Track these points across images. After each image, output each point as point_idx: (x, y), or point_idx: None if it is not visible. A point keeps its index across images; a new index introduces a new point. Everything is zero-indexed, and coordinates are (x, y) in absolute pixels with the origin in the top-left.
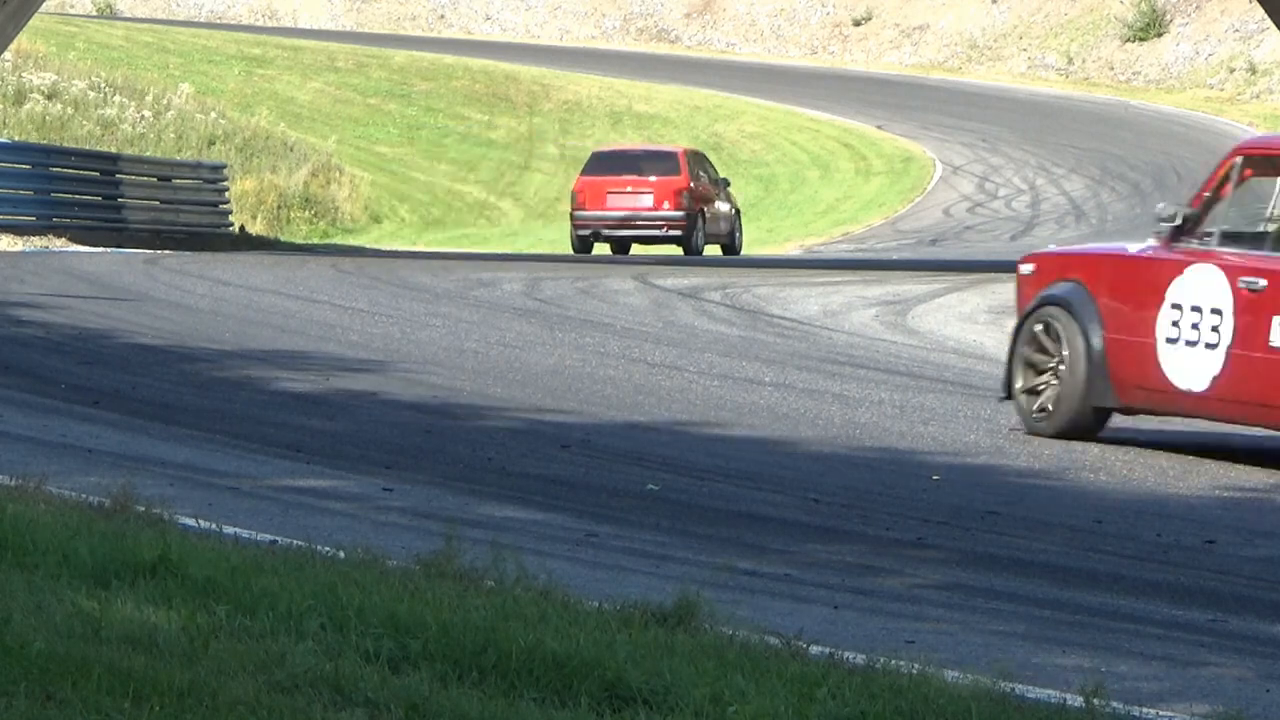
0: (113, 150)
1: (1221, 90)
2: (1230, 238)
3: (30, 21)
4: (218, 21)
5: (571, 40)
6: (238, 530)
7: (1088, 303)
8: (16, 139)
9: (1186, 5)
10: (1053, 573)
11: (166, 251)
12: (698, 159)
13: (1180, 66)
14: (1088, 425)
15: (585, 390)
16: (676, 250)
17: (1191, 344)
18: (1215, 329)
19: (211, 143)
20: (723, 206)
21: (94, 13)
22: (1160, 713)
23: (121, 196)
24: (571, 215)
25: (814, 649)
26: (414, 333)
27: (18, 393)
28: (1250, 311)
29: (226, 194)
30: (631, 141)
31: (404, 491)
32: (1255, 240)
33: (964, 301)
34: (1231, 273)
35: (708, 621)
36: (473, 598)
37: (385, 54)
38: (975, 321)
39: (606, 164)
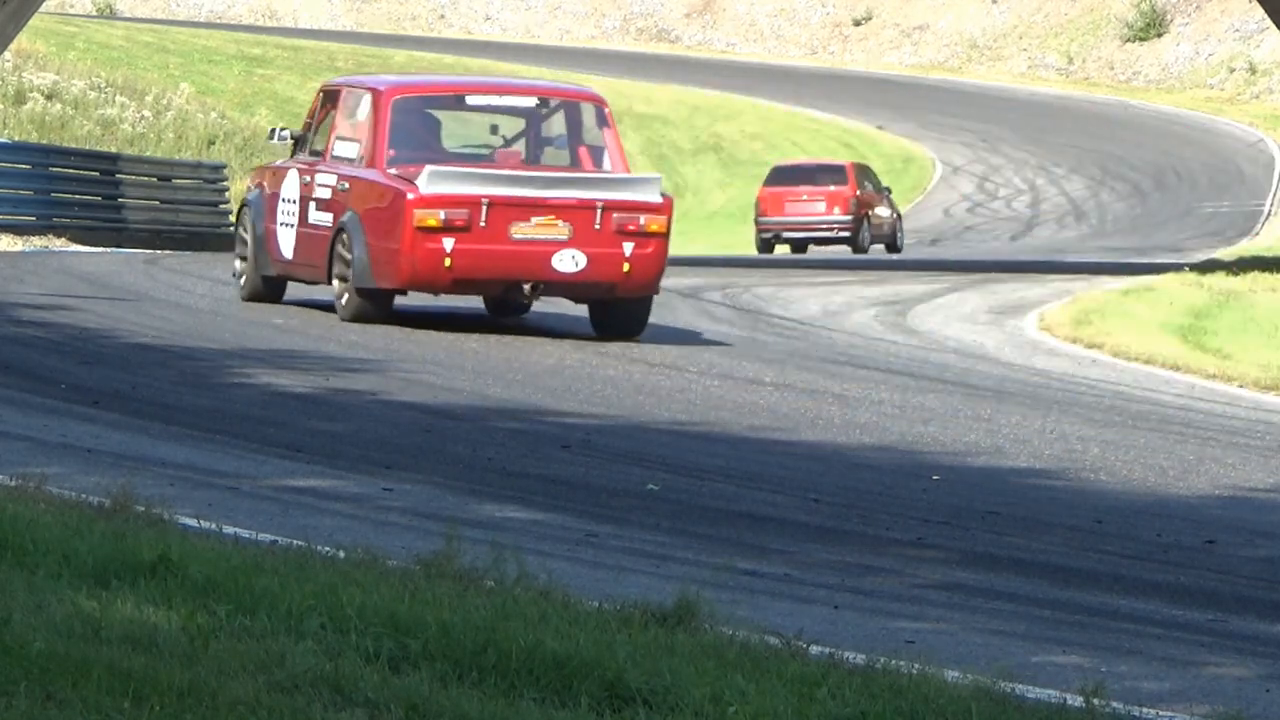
0: (113, 150)
1: (1221, 90)
2: (310, 151)
3: (30, 21)
4: (218, 21)
5: (571, 40)
6: (238, 530)
7: (260, 202)
8: (16, 139)
9: (1186, 5)
10: (1053, 573)
11: (166, 251)
12: (863, 171)
13: (1180, 66)
14: (266, 291)
15: (585, 390)
16: (846, 250)
17: (287, 225)
18: (292, 214)
19: (211, 143)
20: (884, 211)
21: (94, 13)
22: (1160, 713)
23: (121, 196)
24: (756, 221)
25: (814, 649)
26: (414, 333)
27: (18, 393)
28: (303, 201)
29: (226, 194)
30: (806, 157)
31: (404, 491)
32: (317, 151)
33: (964, 301)
34: (300, 174)
35: (708, 621)
36: (473, 598)
37: (385, 54)
38: (975, 321)
39: (785, 176)
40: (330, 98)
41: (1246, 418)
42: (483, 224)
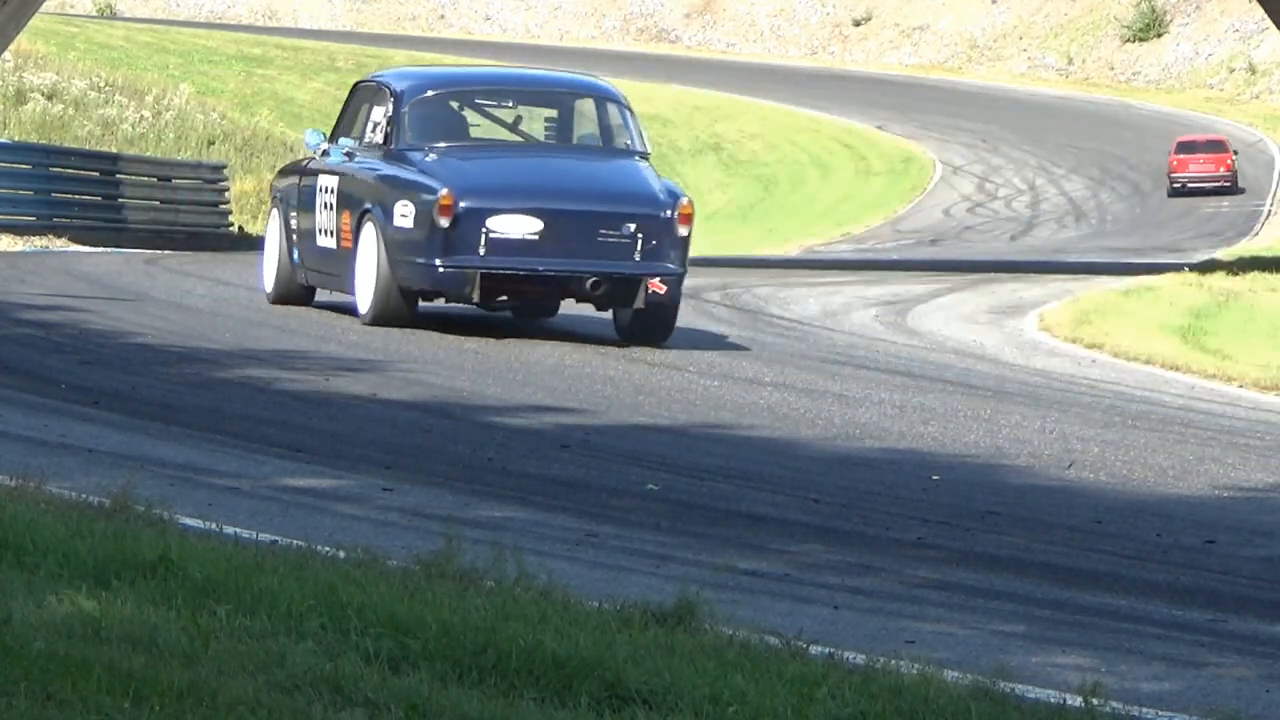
0: (113, 150)
1: (1221, 90)
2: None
3: (30, 21)
4: (218, 21)
5: (571, 40)
6: (238, 530)
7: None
8: (16, 139)
9: (1186, 5)
10: (1053, 573)
11: (166, 251)
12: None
13: (1180, 66)
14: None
15: (585, 390)
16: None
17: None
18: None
19: (211, 143)
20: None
21: (94, 13)
22: (1160, 713)
23: (121, 196)
24: (1169, 176)
25: (814, 649)
26: (414, 333)
27: (18, 393)
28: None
29: (226, 194)
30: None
31: (404, 491)
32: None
33: (964, 301)
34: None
35: (708, 621)
36: (473, 598)
37: (385, 54)
38: (975, 321)
39: (1185, 148)
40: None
41: (1246, 418)
42: None
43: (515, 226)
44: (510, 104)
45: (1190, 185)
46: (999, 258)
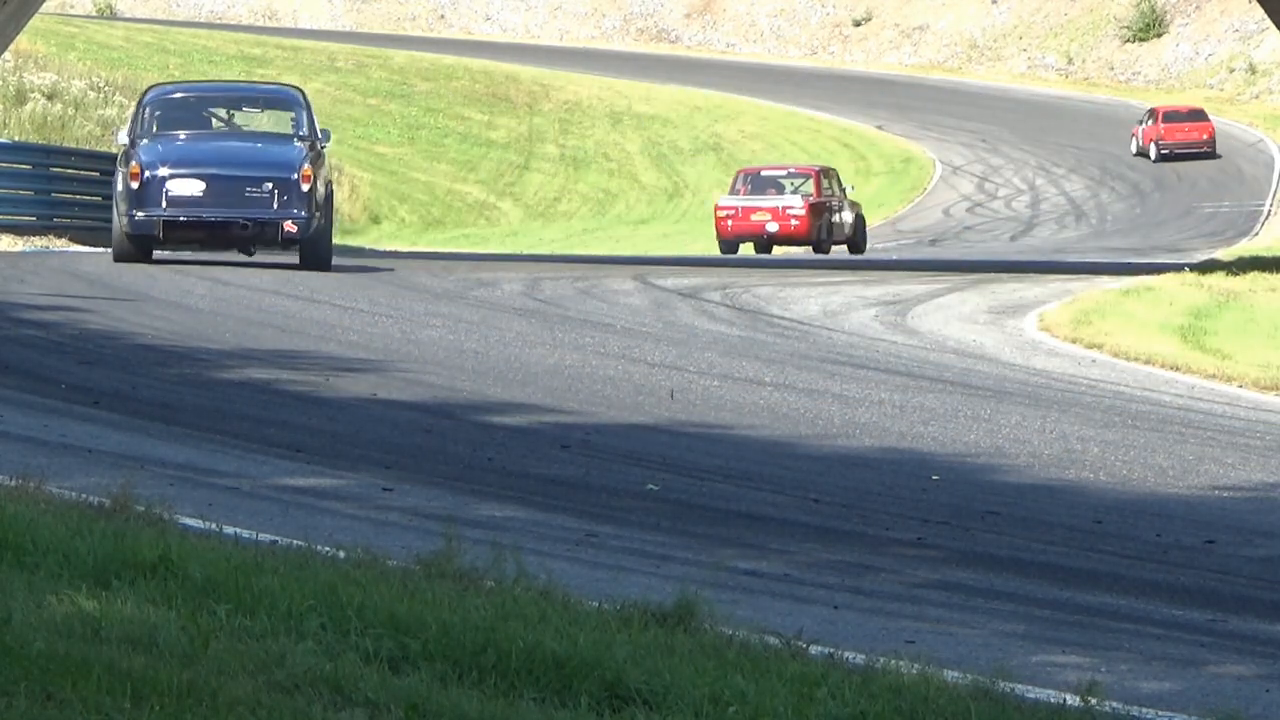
0: (113, 150)
1: (1221, 90)
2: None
3: (30, 21)
4: (218, 21)
5: (571, 40)
6: (238, 530)
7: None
8: (16, 139)
9: (1186, 5)
10: (1052, 573)
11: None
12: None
13: (1180, 66)
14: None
15: (585, 390)
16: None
17: None
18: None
19: None
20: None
21: (94, 13)
22: (1160, 713)
23: None
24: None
25: (814, 649)
26: (414, 333)
27: (18, 393)
28: None
29: None
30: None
31: (404, 491)
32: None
33: (964, 301)
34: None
35: (707, 621)
36: (473, 598)
37: (385, 54)
38: (975, 321)
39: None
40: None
41: (1246, 418)
42: None
43: (186, 187)
44: (231, 108)
45: (1177, 151)
46: (999, 258)
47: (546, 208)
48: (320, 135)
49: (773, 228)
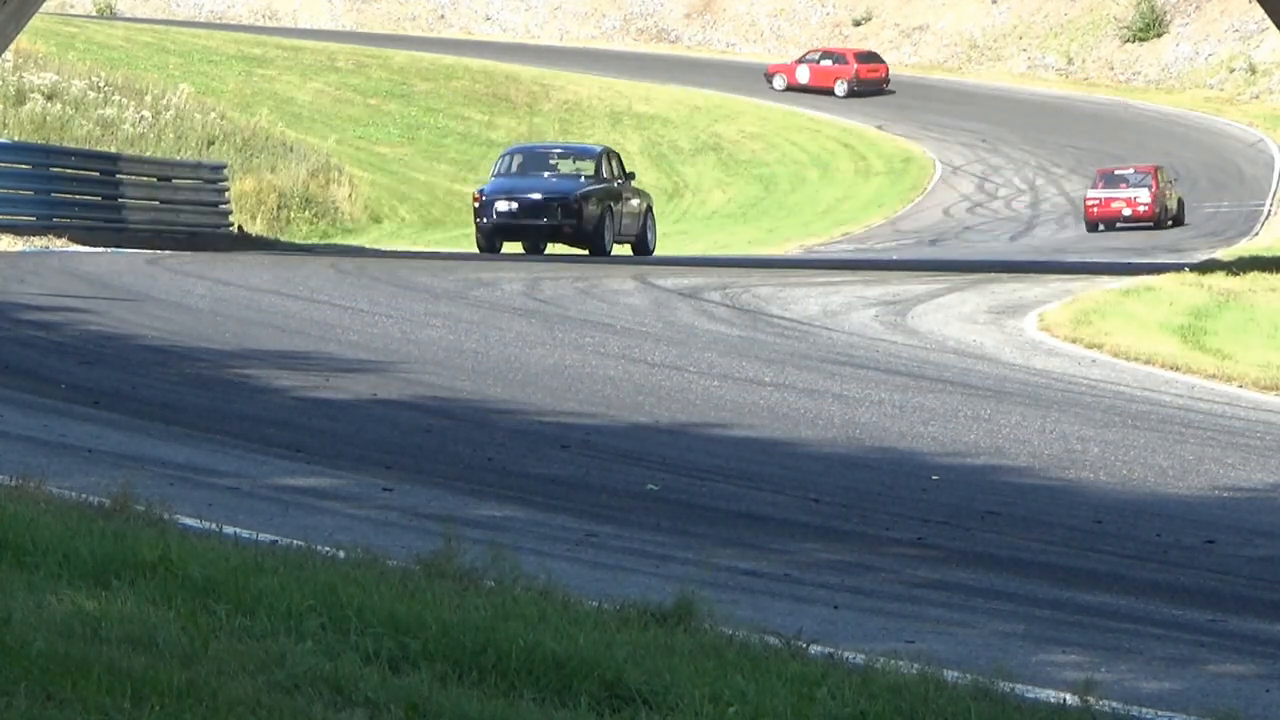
0: (113, 150)
1: (1221, 90)
2: None
3: (30, 21)
4: (218, 21)
5: (571, 40)
6: (238, 530)
7: None
8: (16, 139)
9: (1186, 5)
10: (1052, 573)
11: (166, 251)
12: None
13: (1180, 66)
14: None
15: (585, 390)
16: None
17: None
18: None
19: (211, 143)
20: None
21: (94, 13)
22: (1160, 713)
23: (121, 196)
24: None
25: (814, 649)
26: (414, 333)
27: (18, 393)
28: None
29: (226, 194)
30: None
31: (404, 491)
32: None
33: (964, 301)
34: None
35: (707, 621)
36: (473, 598)
37: (385, 54)
38: (975, 321)
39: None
40: None
41: (1246, 418)
42: None
43: (505, 206)
44: (555, 159)
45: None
46: (999, 258)
47: None
48: (623, 175)
49: (1127, 213)
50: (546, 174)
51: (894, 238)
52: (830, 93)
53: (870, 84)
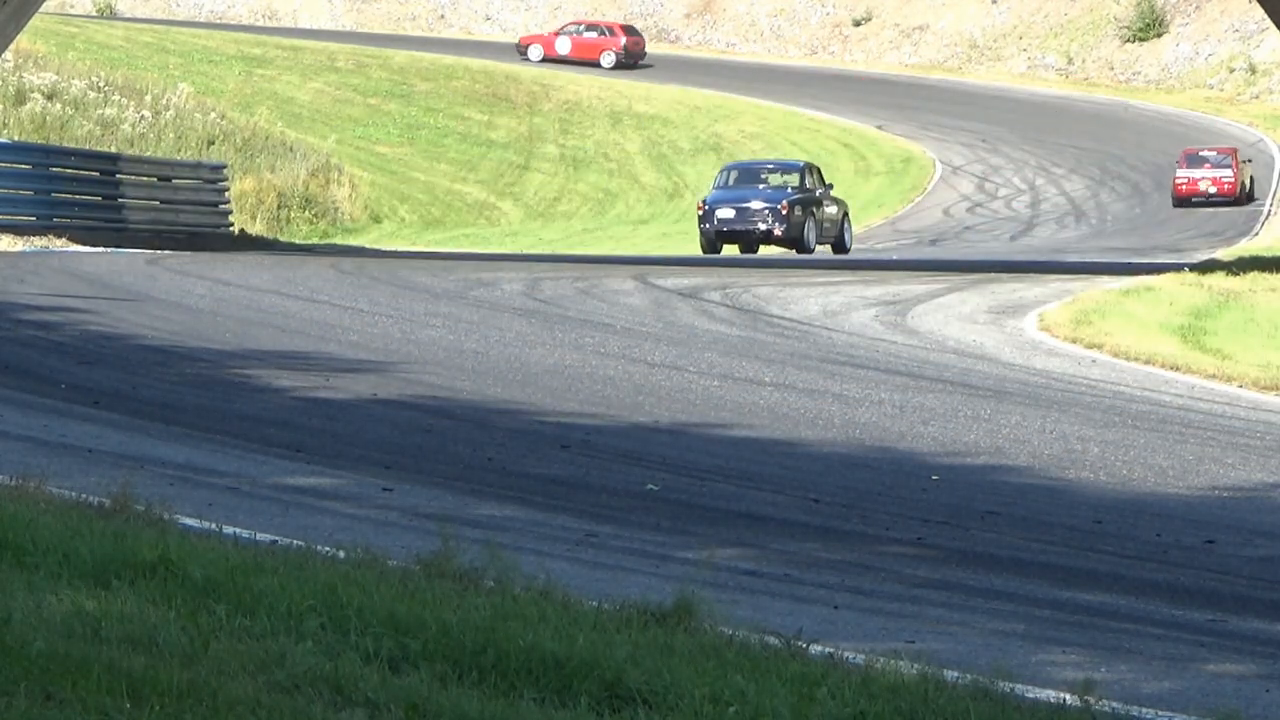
0: (113, 150)
1: (1221, 90)
2: None
3: (30, 21)
4: (218, 21)
5: None
6: (238, 530)
7: None
8: (16, 139)
9: (1186, 5)
10: (1052, 573)
11: (166, 251)
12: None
13: (1180, 66)
14: None
15: (585, 390)
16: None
17: None
18: None
19: (211, 143)
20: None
21: (94, 13)
22: (1160, 713)
23: (121, 196)
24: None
25: (814, 649)
26: (414, 333)
27: (18, 393)
28: None
29: (226, 194)
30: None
31: (404, 491)
32: None
33: (964, 301)
34: None
35: (707, 621)
36: (472, 598)
37: (385, 54)
38: (975, 321)
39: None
40: None
41: (1246, 418)
42: None
43: (724, 214)
44: (765, 173)
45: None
46: (999, 258)
47: (546, 208)
48: (823, 186)
49: (1213, 190)
50: (759, 186)
51: (894, 238)
52: (596, 64)
53: (636, 55)
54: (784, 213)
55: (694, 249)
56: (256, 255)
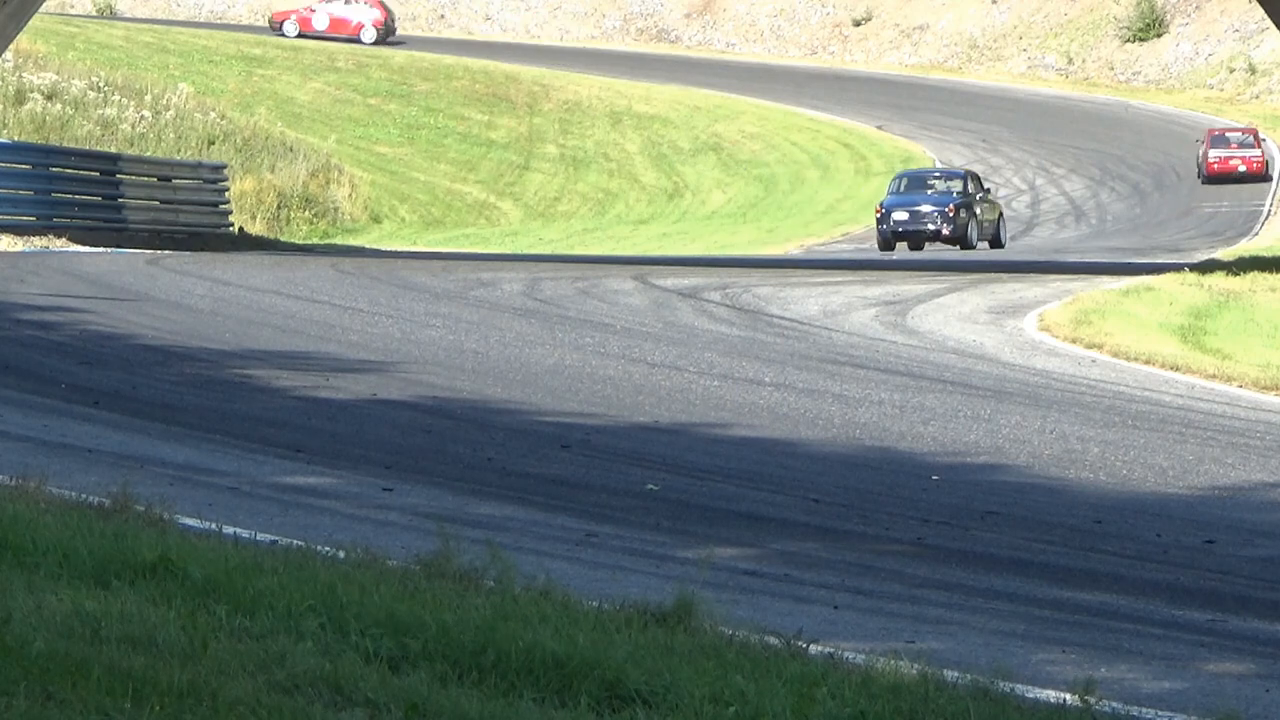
0: (113, 150)
1: (1221, 90)
2: None
3: (30, 21)
4: (218, 21)
5: (571, 40)
6: (238, 530)
7: None
8: (16, 139)
9: (1186, 5)
10: (1053, 573)
11: (166, 251)
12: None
13: (1180, 66)
14: None
15: (585, 390)
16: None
17: None
18: None
19: (211, 143)
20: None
21: (94, 13)
22: (1160, 713)
23: (121, 196)
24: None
25: (814, 649)
26: (414, 333)
27: (18, 393)
28: None
29: (226, 194)
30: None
31: (404, 491)
32: None
33: (964, 301)
34: None
35: (707, 621)
36: (472, 598)
37: (385, 54)
38: (975, 322)
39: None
40: None
41: (1246, 418)
42: None
43: (900, 216)
44: (931, 179)
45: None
46: (999, 258)
47: (546, 208)
48: (982, 190)
49: (1242, 169)
50: (928, 191)
51: None
52: (357, 40)
53: (392, 29)
54: (951, 215)
55: (694, 249)
56: (256, 255)
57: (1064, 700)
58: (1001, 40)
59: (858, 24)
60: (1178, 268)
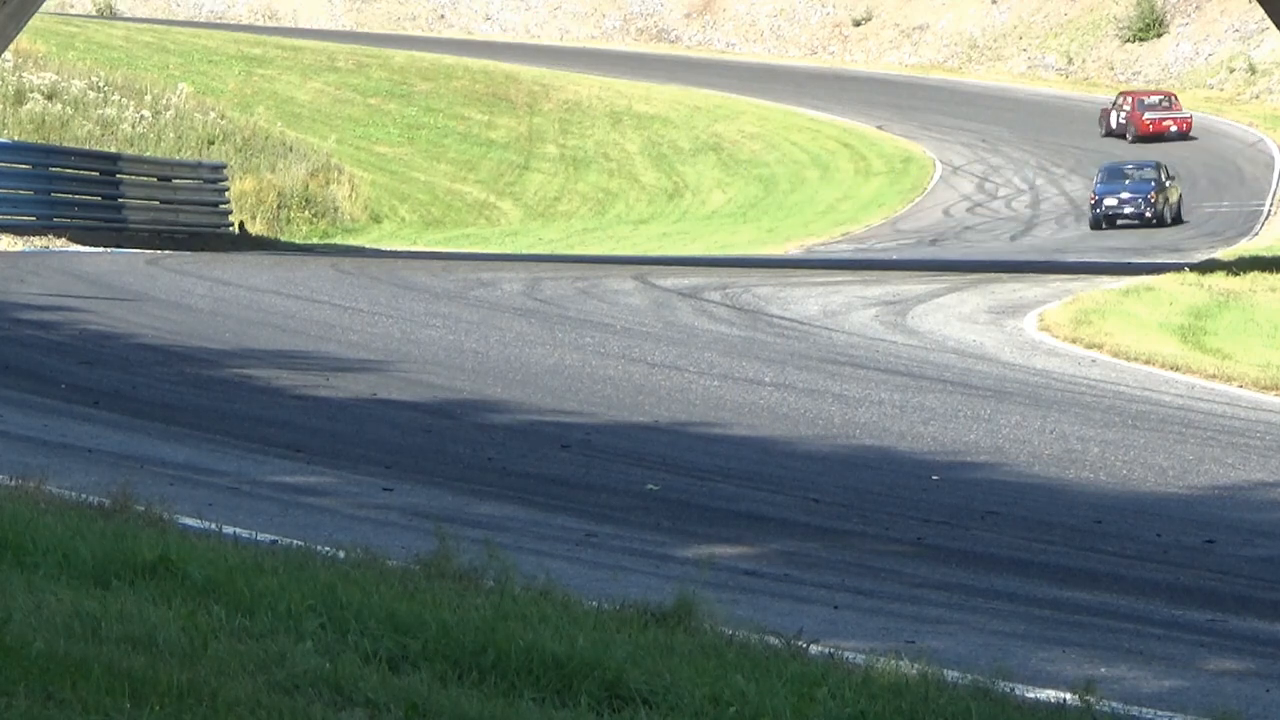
0: (113, 150)
1: (1221, 90)
2: None
3: (30, 21)
4: (218, 21)
5: (571, 40)
6: (238, 530)
7: None
8: (16, 139)
9: (1186, 5)
10: (1053, 573)
11: (166, 251)
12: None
13: (1180, 66)
14: None
15: (585, 390)
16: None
17: None
18: None
19: (211, 143)
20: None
21: (94, 13)
22: (1160, 713)
23: (121, 196)
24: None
25: (814, 649)
26: (414, 333)
27: (18, 393)
28: None
29: (226, 194)
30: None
31: (404, 491)
32: None
33: (964, 301)
34: None
35: (707, 621)
36: (472, 598)
37: (385, 54)
38: (975, 321)
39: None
40: None
41: (1246, 418)
42: None
43: (1110, 201)
44: (1132, 169)
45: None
46: (999, 258)
47: (546, 208)
48: (1169, 177)
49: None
50: (1128, 180)
51: (894, 238)
52: None
53: None
54: (1151, 200)
55: (694, 249)
56: (256, 255)
57: (1064, 700)
58: (1001, 40)
59: (858, 24)
60: (1178, 268)
